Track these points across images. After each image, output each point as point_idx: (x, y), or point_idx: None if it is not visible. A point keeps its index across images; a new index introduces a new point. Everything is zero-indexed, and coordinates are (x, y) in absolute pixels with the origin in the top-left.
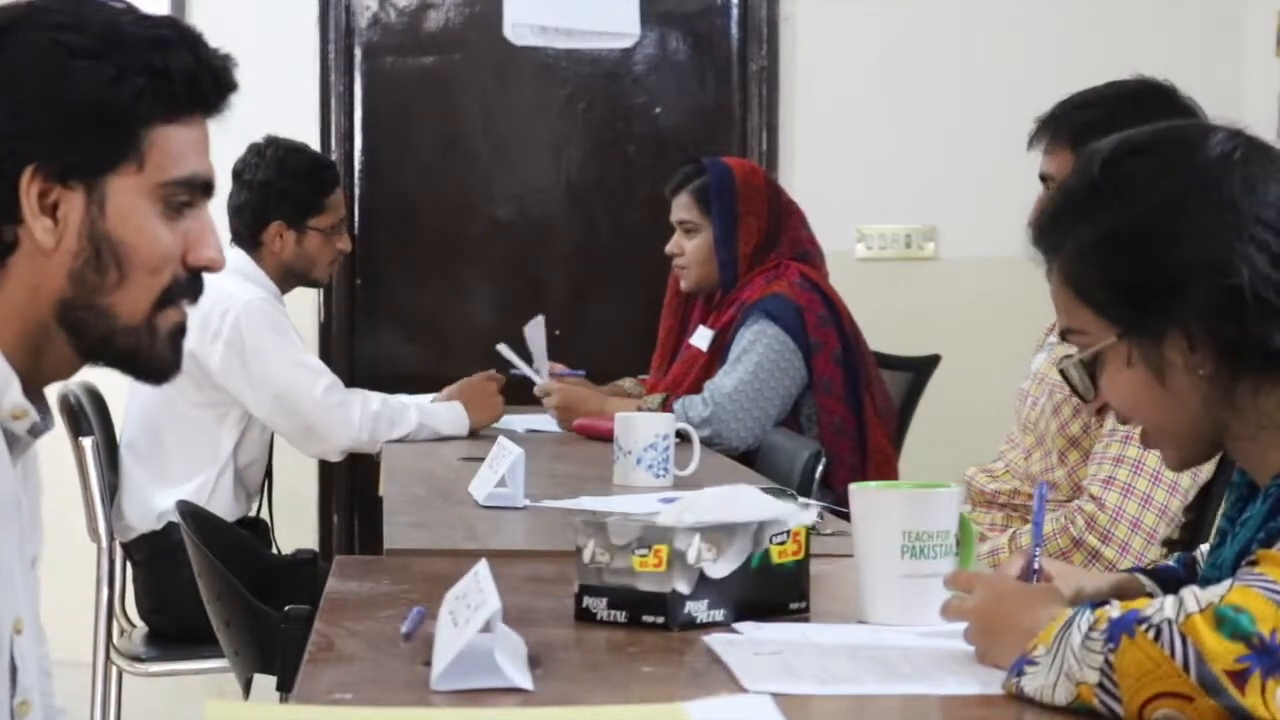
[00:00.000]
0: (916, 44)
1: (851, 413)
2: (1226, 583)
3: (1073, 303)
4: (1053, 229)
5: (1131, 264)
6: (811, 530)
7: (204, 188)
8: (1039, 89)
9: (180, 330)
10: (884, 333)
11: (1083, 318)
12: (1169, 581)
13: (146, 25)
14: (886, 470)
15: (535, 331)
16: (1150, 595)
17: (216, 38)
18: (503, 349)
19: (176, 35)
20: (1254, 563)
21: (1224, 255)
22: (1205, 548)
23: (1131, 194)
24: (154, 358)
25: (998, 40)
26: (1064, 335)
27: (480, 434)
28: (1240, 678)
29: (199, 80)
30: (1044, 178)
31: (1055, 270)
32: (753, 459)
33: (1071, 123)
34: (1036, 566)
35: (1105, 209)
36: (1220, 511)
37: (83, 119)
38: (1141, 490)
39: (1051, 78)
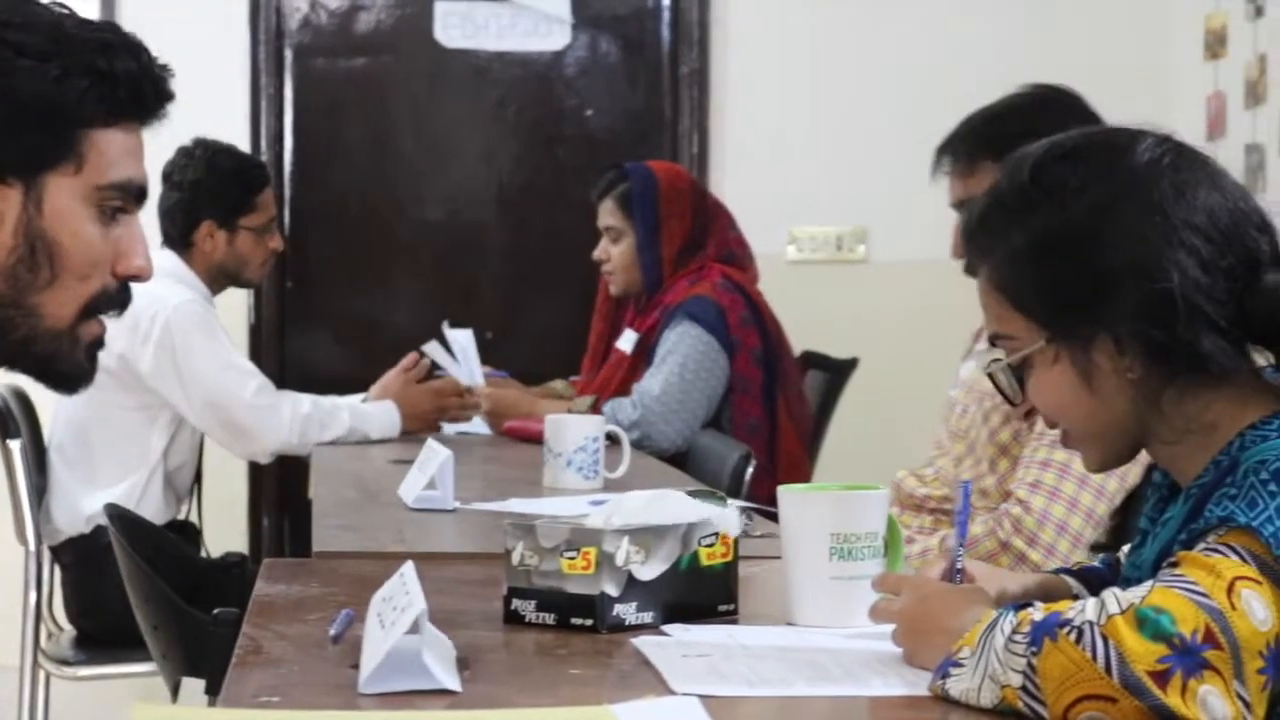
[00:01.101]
0: (847, 47)
1: (766, 414)
2: (1147, 584)
3: (1002, 307)
4: (982, 233)
5: (1062, 268)
6: (740, 531)
7: (138, 194)
8: (970, 92)
9: (98, 344)
10: (815, 335)
11: (1012, 322)
12: (1094, 583)
13: (91, 29)
14: (796, 474)
15: (466, 340)
16: (1076, 597)
17: (146, 39)
18: (431, 349)
19: (120, 40)
20: (1175, 564)
21: (1154, 260)
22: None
23: (1062, 198)
24: (71, 365)
25: (927, 44)
26: (993, 340)
27: (411, 436)
28: (1162, 678)
29: (141, 86)
30: (963, 203)
31: (984, 275)
32: (683, 461)
33: (989, 136)
34: (960, 567)
35: (1036, 213)
36: (1142, 513)
37: (24, 116)
38: (1068, 494)
39: (982, 81)
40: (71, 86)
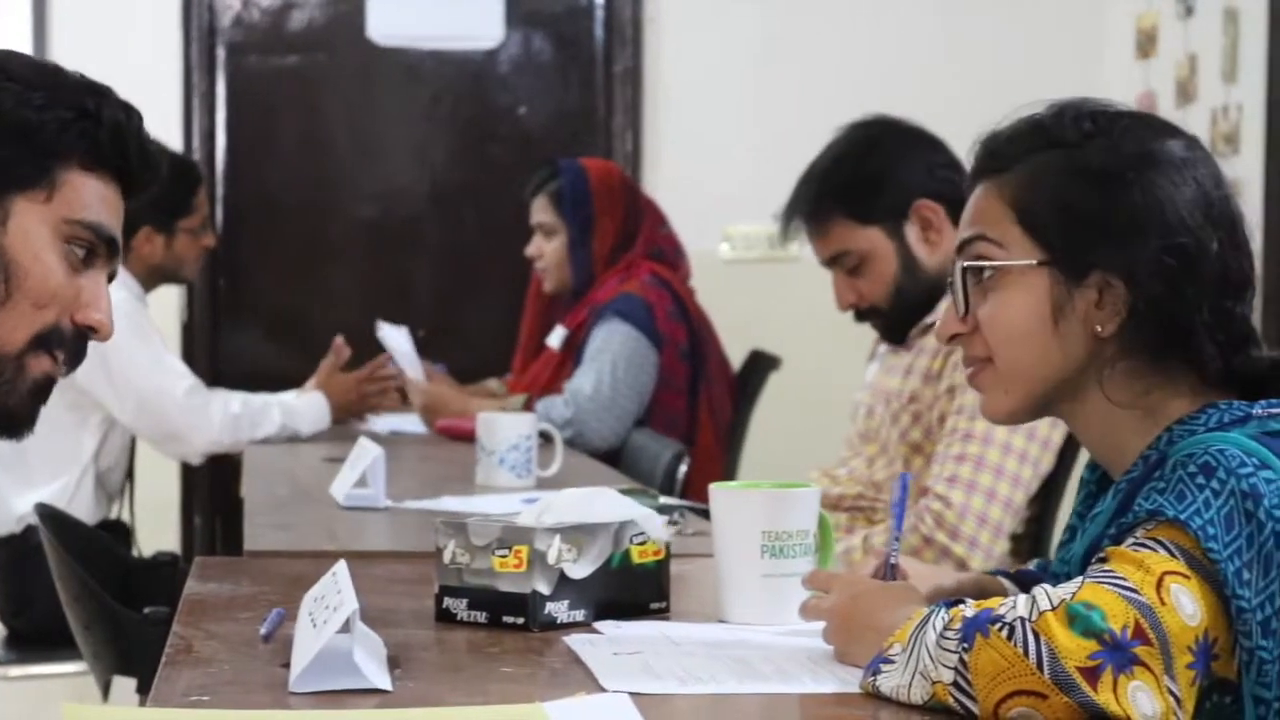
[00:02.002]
0: (781, 45)
1: (688, 409)
2: (1078, 580)
3: (1004, 218)
4: (1009, 147)
5: (1091, 196)
6: (672, 530)
7: (108, 244)
8: (904, 89)
9: (46, 385)
10: (749, 333)
11: (1008, 233)
12: (1029, 586)
13: (89, 81)
14: (711, 469)
15: (402, 338)
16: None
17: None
18: (382, 334)
19: (115, 96)
20: (1104, 559)
21: (1185, 224)
22: None
23: (1118, 141)
24: (14, 397)
25: (862, 41)
26: (967, 244)
27: (343, 433)
28: (1093, 674)
29: (125, 139)
30: (837, 256)
31: (994, 185)
32: (615, 459)
33: (833, 190)
34: (894, 561)
35: (1084, 146)
36: (1072, 509)
37: (2, 134)
38: (985, 485)
39: (915, 80)
40: (54, 116)
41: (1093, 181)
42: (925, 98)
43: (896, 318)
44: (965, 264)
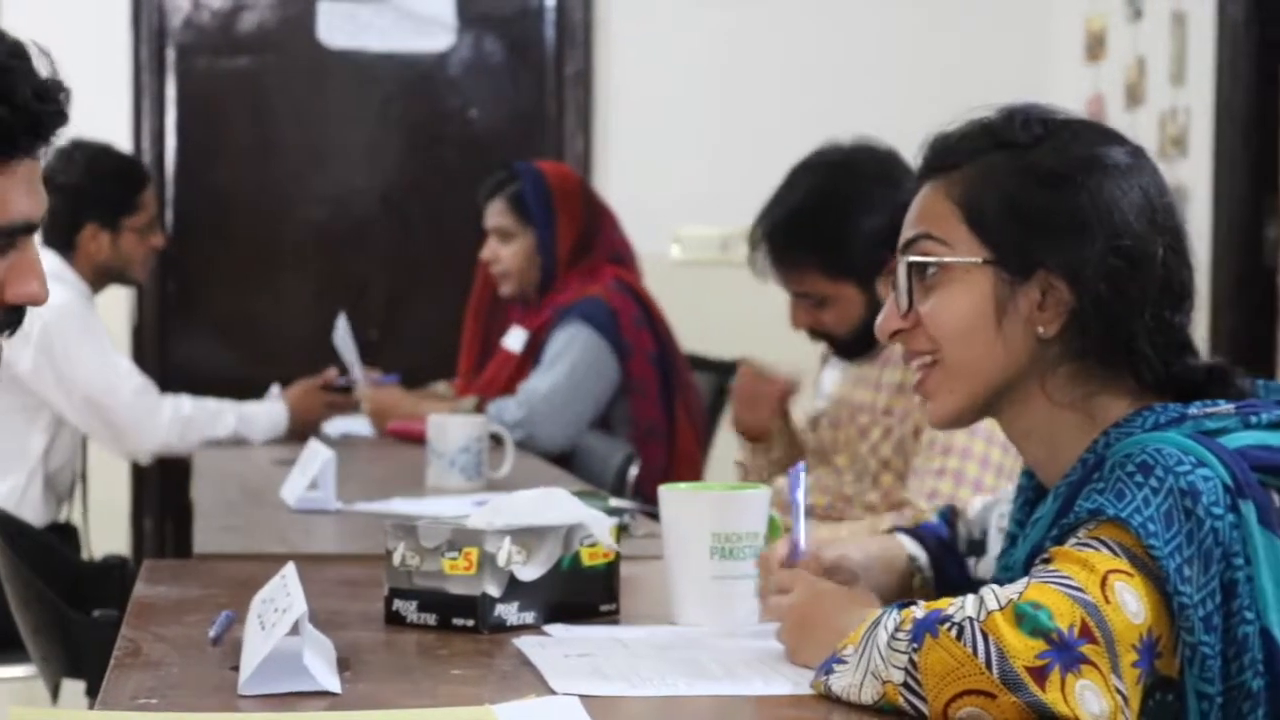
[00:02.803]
0: (732, 47)
1: (664, 415)
2: (1024, 580)
3: (950, 216)
4: (958, 147)
5: (1040, 196)
6: (622, 532)
7: (24, 228)
8: (854, 91)
9: None
10: (700, 335)
11: (954, 232)
12: (930, 540)
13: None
14: (692, 474)
15: (342, 334)
16: (912, 558)
17: (26, 38)
18: (339, 339)
19: (20, 66)
20: (1048, 560)
21: (1131, 227)
22: (980, 501)
23: (1067, 144)
24: None
25: (811, 43)
26: (911, 243)
27: (296, 437)
28: (1041, 674)
29: (38, 124)
30: (804, 293)
31: (940, 183)
32: (567, 461)
33: (810, 232)
34: (801, 546)
35: (1034, 148)
36: (1010, 516)
37: None
38: (965, 500)
39: (864, 80)
40: None
41: (1041, 182)
42: (875, 100)
43: (854, 346)
44: (910, 260)
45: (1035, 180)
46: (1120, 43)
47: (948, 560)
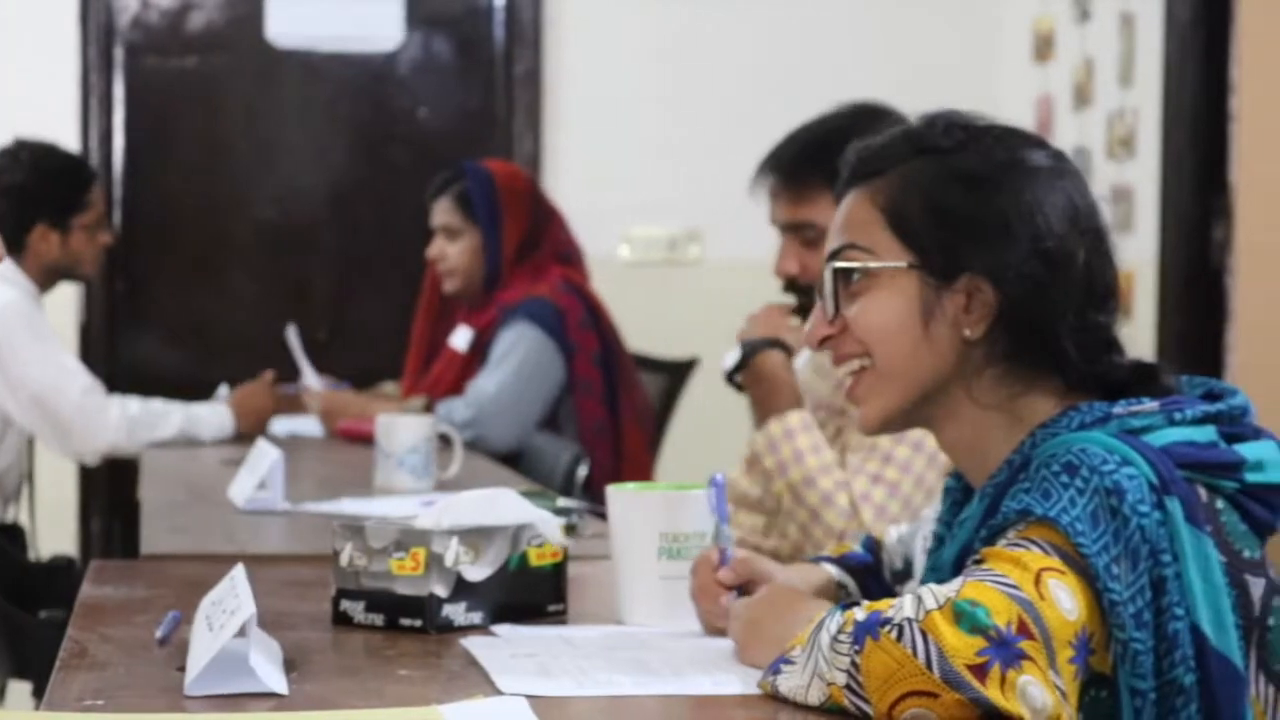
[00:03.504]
0: (682, 47)
1: (610, 415)
2: (959, 579)
3: (874, 223)
4: (881, 154)
5: (964, 201)
6: (570, 532)
7: None
8: (802, 91)
9: None
10: (648, 336)
11: (878, 239)
12: (856, 568)
13: None
14: (640, 475)
15: (293, 343)
16: (840, 585)
17: None
18: (291, 339)
19: None
20: (980, 560)
21: (1054, 229)
22: (896, 531)
23: (989, 148)
24: None
25: (761, 43)
26: (837, 252)
27: (242, 435)
28: (981, 671)
29: None
30: (800, 225)
31: (864, 190)
32: (515, 461)
33: (823, 160)
34: (729, 555)
35: (956, 153)
36: (938, 517)
37: None
38: (894, 514)
39: (814, 80)
40: None
41: (964, 185)
42: (823, 100)
43: None
44: (835, 266)
45: (957, 184)
46: (1068, 44)
47: (874, 587)
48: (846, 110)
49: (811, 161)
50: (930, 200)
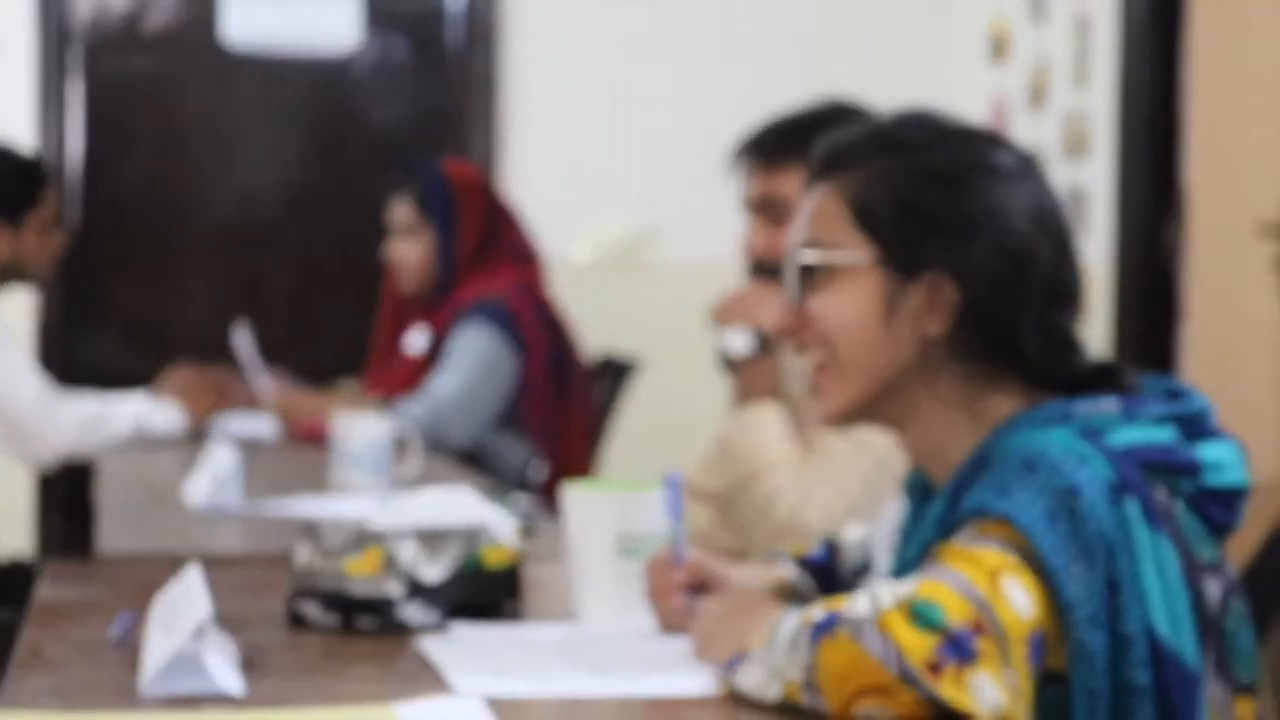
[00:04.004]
0: (636, 49)
1: (554, 414)
2: (915, 577)
3: (840, 217)
4: (850, 150)
5: (930, 197)
6: (526, 532)
7: None
8: (756, 91)
9: None
10: (604, 335)
11: (842, 235)
12: (815, 569)
13: None
14: (579, 474)
15: (242, 339)
16: (798, 588)
17: None
18: (238, 340)
19: None
20: (937, 558)
21: (1019, 229)
22: (856, 532)
23: (957, 146)
24: None
25: (715, 44)
26: (804, 247)
27: (198, 436)
28: (936, 668)
29: None
30: (772, 202)
31: (830, 185)
32: (471, 460)
33: (798, 139)
34: (684, 556)
35: (924, 150)
36: (901, 515)
37: None
38: (838, 514)
39: (769, 81)
40: None
41: (931, 182)
42: (779, 101)
43: None
44: (799, 262)
45: (925, 181)
46: (1023, 45)
47: (832, 588)
48: (823, 103)
49: (787, 141)
50: (896, 197)
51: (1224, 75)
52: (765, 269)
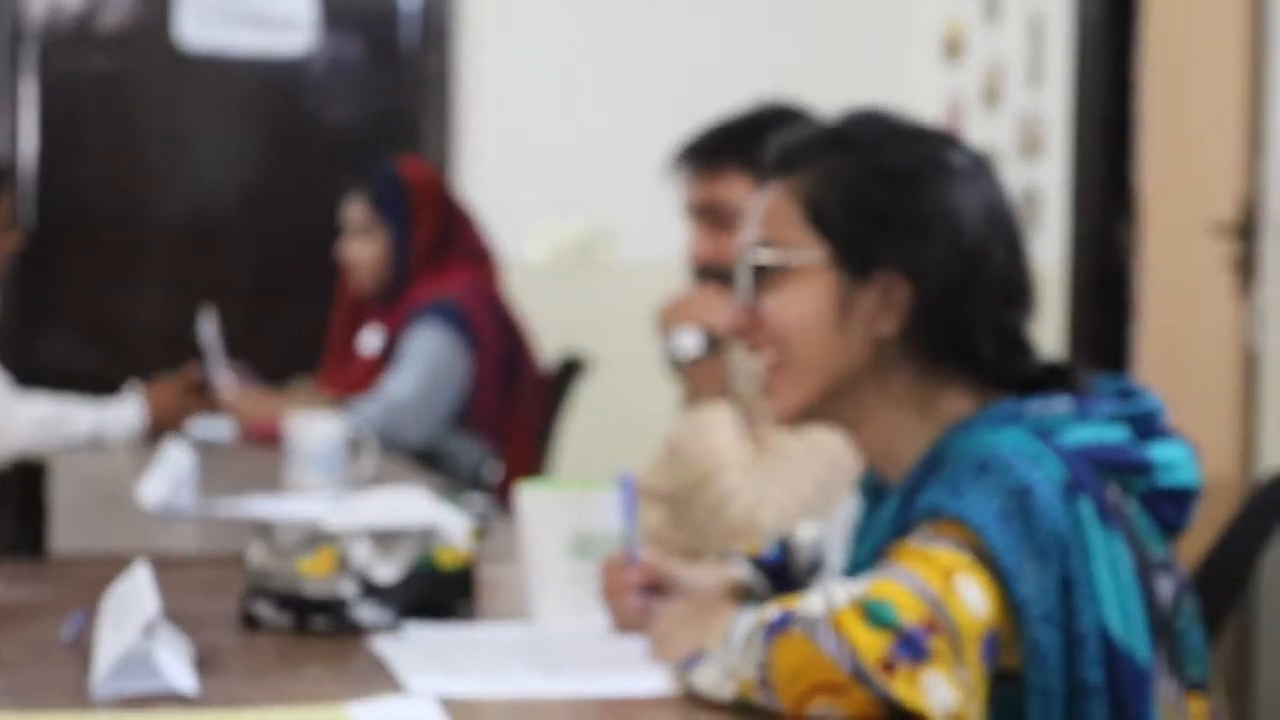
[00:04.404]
0: (593, 48)
1: (508, 415)
2: (869, 576)
3: (793, 217)
4: (803, 149)
5: (883, 197)
6: (480, 532)
7: None
8: (711, 91)
9: None
10: (559, 335)
11: (795, 235)
12: (769, 569)
13: None
14: (527, 474)
15: (208, 328)
16: (752, 586)
17: None
18: (203, 328)
19: None
20: (891, 557)
21: (973, 230)
22: (809, 531)
23: (910, 145)
24: None
25: (672, 44)
26: (756, 246)
27: (155, 438)
28: (889, 667)
29: None
30: (713, 207)
31: (784, 184)
32: (426, 460)
33: (739, 143)
34: (638, 557)
35: (877, 149)
36: (855, 515)
37: None
38: (790, 513)
39: (725, 80)
40: None
41: (883, 182)
42: (735, 101)
43: None
44: (752, 262)
45: (878, 181)
46: (978, 45)
47: (786, 587)
48: (763, 106)
49: (726, 146)
50: (849, 196)
51: (1177, 75)
52: (710, 274)
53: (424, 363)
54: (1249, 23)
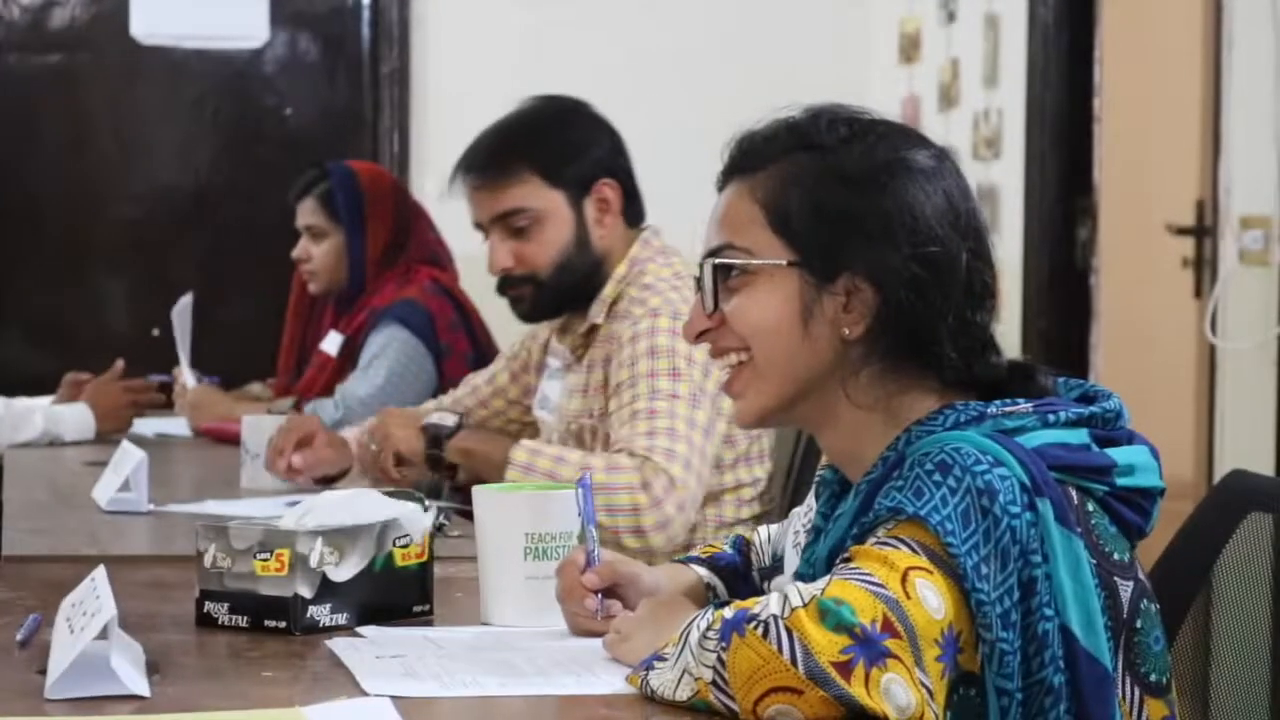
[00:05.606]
0: (548, 46)
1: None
2: (826, 577)
3: (754, 218)
4: (763, 148)
5: (845, 200)
6: (436, 532)
7: None
8: (667, 89)
9: None
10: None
11: (758, 237)
12: (724, 569)
13: None
14: None
15: (182, 313)
16: (708, 586)
17: None
18: (178, 312)
19: None
20: (849, 558)
21: (935, 233)
22: (765, 530)
23: (873, 147)
24: None
25: (628, 40)
26: (718, 251)
27: (106, 437)
28: (846, 668)
29: None
30: (508, 215)
31: (744, 186)
32: None
33: (528, 145)
34: (594, 553)
35: (840, 150)
36: (815, 510)
37: None
38: (682, 455)
39: (682, 78)
40: None
41: (846, 184)
42: (690, 99)
43: (550, 294)
44: (715, 263)
45: (841, 182)
46: (934, 44)
47: (743, 587)
48: (537, 102)
49: (508, 150)
50: (811, 198)
51: (1134, 75)
52: (516, 282)
53: (385, 366)
54: (1206, 22)
